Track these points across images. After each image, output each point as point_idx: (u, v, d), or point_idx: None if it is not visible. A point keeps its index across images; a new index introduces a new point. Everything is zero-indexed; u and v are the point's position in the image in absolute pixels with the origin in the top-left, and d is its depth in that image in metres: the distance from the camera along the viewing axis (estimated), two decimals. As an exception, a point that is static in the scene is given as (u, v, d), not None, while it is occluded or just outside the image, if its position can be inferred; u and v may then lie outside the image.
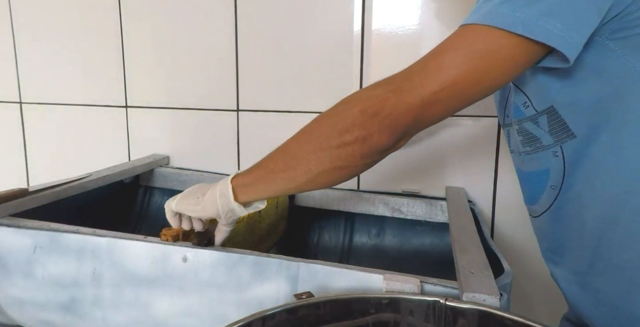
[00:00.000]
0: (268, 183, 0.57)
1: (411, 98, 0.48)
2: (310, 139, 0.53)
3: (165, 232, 0.68)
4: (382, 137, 0.49)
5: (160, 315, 0.66)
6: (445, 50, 0.48)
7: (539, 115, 0.55)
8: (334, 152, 0.51)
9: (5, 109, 1.36)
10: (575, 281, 0.59)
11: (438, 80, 0.47)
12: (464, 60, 0.46)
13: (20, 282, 0.73)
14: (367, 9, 1.01)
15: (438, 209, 0.98)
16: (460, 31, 0.48)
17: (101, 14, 1.21)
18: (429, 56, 0.49)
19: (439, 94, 0.47)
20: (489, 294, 0.50)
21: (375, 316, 0.50)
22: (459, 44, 0.47)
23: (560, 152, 0.54)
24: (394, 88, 0.49)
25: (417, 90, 0.47)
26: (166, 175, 1.17)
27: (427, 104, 0.48)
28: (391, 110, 0.48)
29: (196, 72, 1.16)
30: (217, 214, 0.61)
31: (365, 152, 0.50)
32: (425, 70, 0.48)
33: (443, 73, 0.46)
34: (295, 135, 0.56)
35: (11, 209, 0.78)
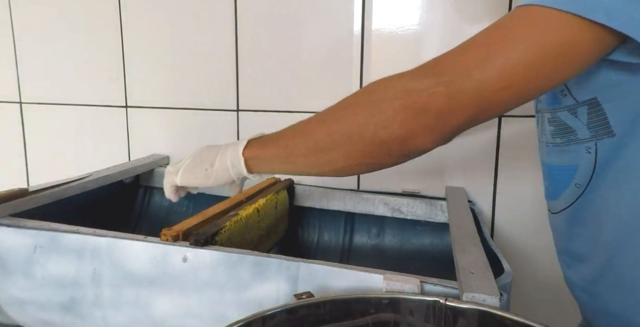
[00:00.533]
0: (286, 164, 0.53)
1: (468, 96, 0.41)
2: (340, 127, 0.47)
3: (165, 232, 0.68)
4: (426, 140, 0.43)
5: (160, 315, 0.67)
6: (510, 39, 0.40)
7: (579, 106, 0.49)
8: (366, 147, 0.45)
9: (5, 109, 1.36)
10: (584, 288, 0.56)
11: (503, 77, 0.40)
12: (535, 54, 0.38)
13: (20, 282, 0.73)
14: (367, 9, 1.01)
15: (438, 209, 0.98)
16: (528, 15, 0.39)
17: (101, 14, 1.21)
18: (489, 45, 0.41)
19: (501, 93, 0.40)
20: (489, 294, 0.50)
21: (375, 316, 0.50)
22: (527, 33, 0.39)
23: (594, 149, 0.49)
24: (446, 82, 0.41)
25: (477, 87, 0.40)
26: (166, 175, 1.17)
27: (485, 104, 0.41)
28: (441, 109, 0.41)
29: (196, 72, 1.16)
30: (230, 181, 0.59)
31: (402, 153, 0.45)
32: (487, 64, 0.40)
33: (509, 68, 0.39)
34: (321, 117, 0.50)
35: (11, 209, 0.78)
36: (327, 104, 0.69)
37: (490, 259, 0.60)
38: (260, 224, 0.86)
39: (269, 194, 0.91)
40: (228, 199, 0.86)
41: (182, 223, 0.72)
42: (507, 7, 0.93)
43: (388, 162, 0.47)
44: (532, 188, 0.97)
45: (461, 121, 0.42)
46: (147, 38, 1.19)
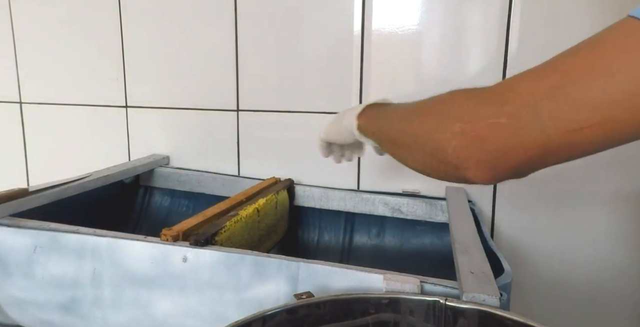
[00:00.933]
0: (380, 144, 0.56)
1: (533, 135, 0.33)
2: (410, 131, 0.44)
3: (165, 232, 0.68)
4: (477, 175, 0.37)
5: (160, 315, 0.67)
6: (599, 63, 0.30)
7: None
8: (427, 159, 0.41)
9: (5, 109, 1.36)
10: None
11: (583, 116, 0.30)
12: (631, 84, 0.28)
13: (20, 282, 0.73)
14: (367, 9, 1.01)
15: (438, 209, 0.98)
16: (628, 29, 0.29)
17: (101, 14, 1.21)
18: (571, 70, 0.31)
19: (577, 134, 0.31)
20: (489, 294, 0.50)
21: (375, 316, 0.50)
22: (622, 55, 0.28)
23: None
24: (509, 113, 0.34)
25: (545, 127, 0.32)
26: (166, 175, 1.17)
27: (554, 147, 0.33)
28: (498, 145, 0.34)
29: (196, 72, 1.16)
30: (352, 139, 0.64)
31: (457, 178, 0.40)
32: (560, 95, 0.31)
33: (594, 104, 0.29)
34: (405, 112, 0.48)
35: (11, 209, 0.78)
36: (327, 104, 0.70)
37: (490, 259, 0.60)
38: (260, 224, 0.86)
39: (269, 194, 0.91)
40: (228, 199, 0.86)
41: (182, 223, 0.72)
42: (507, 6, 0.93)
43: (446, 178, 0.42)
44: (532, 188, 0.97)
45: (522, 162, 0.36)
46: (147, 38, 1.19)
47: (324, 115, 1.07)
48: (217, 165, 1.18)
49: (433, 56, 1.00)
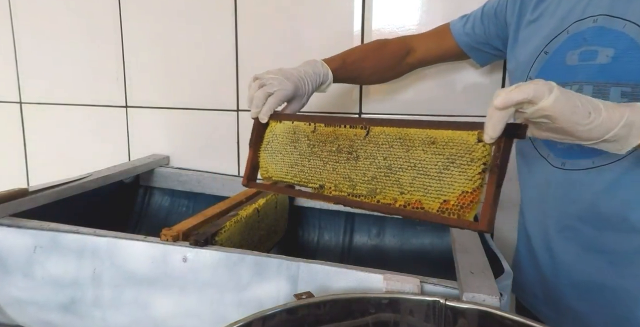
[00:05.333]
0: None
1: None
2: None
3: (165, 232, 0.68)
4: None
5: (160, 315, 0.66)
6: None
7: None
8: None
9: (5, 109, 1.36)
10: None
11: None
12: None
13: (20, 282, 0.73)
14: (367, 9, 1.01)
15: (438, 209, 0.97)
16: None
17: (101, 14, 1.21)
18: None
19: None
20: (488, 294, 0.50)
21: (375, 316, 0.50)
22: None
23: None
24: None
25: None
26: (166, 175, 1.17)
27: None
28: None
29: (196, 72, 1.16)
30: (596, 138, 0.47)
31: None
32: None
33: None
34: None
35: (11, 209, 0.78)
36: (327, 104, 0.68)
37: (490, 259, 0.60)
38: (260, 224, 0.86)
39: (269, 194, 0.91)
40: (228, 199, 0.86)
41: (182, 223, 0.72)
42: (507, 7, 0.93)
43: None
44: (532, 188, 0.97)
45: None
46: (147, 38, 1.19)
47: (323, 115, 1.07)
48: (217, 165, 1.18)
49: (433, 56, 1.00)
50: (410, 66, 0.88)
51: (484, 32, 0.80)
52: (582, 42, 0.61)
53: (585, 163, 0.61)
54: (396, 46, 0.86)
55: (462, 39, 0.83)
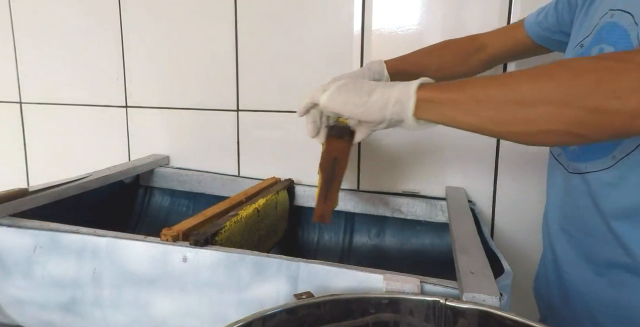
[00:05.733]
0: (465, 113, 0.47)
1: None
2: (557, 87, 0.42)
3: (165, 232, 0.68)
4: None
5: (160, 315, 0.67)
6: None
7: None
8: (582, 114, 0.40)
9: (5, 109, 1.36)
10: None
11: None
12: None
13: (20, 282, 0.73)
14: (367, 9, 1.01)
15: (438, 209, 0.98)
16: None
17: (101, 14, 1.21)
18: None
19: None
20: (488, 294, 0.50)
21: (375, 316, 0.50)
22: None
23: None
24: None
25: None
26: (166, 175, 1.17)
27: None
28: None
29: (196, 72, 1.16)
30: (379, 120, 0.52)
31: (625, 129, 0.40)
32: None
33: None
34: (529, 73, 0.45)
35: (11, 209, 0.78)
36: None
37: (490, 259, 0.60)
38: (260, 224, 0.86)
39: (269, 194, 0.91)
40: (228, 199, 0.86)
41: (182, 223, 0.72)
42: (507, 6, 0.93)
43: (593, 137, 0.42)
44: (532, 188, 0.97)
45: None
46: (147, 38, 1.19)
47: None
48: (217, 165, 1.18)
49: (433, 56, 1.00)
50: (483, 63, 0.82)
51: (557, 19, 0.72)
52: (599, 39, 0.58)
53: (581, 167, 0.60)
54: (464, 42, 0.83)
55: (532, 29, 0.75)
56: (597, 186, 0.57)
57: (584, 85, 0.40)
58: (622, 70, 0.39)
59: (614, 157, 0.54)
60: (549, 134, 0.43)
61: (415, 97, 0.49)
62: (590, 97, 0.40)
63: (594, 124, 0.40)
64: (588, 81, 0.40)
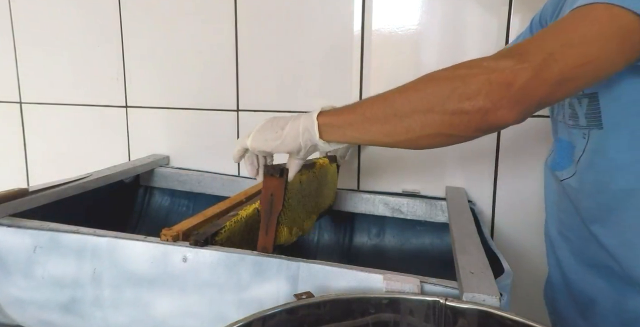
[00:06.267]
0: (359, 131, 0.54)
1: (550, 72, 0.44)
2: (422, 97, 0.49)
3: (165, 232, 0.68)
4: (508, 113, 0.45)
5: (160, 315, 0.67)
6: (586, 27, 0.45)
7: (583, 97, 0.56)
8: (446, 117, 0.47)
9: (5, 109, 1.36)
10: None
11: (580, 55, 0.44)
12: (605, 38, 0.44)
13: (20, 282, 0.73)
14: (367, 9, 1.01)
15: (438, 209, 0.98)
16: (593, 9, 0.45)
17: (101, 14, 1.21)
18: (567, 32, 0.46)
19: (578, 70, 0.45)
20: (488, 294, 0.50)
21: (375, 316, 0.50)
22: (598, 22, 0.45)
23: (587, 136, 0.57)
24: (530, 60, 0.45)
25: (558, 64, 0.44)
26: (166, 175, 1.17)
27: (564, 80, 0.45)
28: (526, 84, 0.44)
29: (196, 72, 1.16)
30: (297, 148, 0.59)
31: (482, 125, 0.47)
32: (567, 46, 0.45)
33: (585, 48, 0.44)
34: (402, 88, 0.52)
35: (11, 209, 0.78)
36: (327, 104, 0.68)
37: (490, 259, 0.60)
38: None
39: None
40: (228, 199, 0.86)
41: (182, 223, 0.72)
42: (507, 6, 0.93)
43: (464, 135, 0.49)
44: (532, 188, 0.97)
45: (542, 95, 0.46)
46: (147, 38, 1.19)
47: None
48: (217, 165, 1.18)
49: (433, 56, 1.00)
50: None
51: None
52: None
53: (559, 175, 0.65)
54: None
55: None
56: (570, 192, 0.62)
57: (443, 92, 0.47)
58: (471, 75, 0.46)
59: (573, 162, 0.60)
60: (427, 138, 0.50)
61: (317, 123, 0.56)
62: (448, 102, 0.46)
63: (457, 124, 0.47)
64: (445, 88, 0.47)
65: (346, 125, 0.55)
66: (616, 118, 0.53)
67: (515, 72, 0.44)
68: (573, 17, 0.46)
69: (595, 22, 0.44)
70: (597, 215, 0.58)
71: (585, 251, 0.62)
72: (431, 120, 0.48)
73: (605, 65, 0.45)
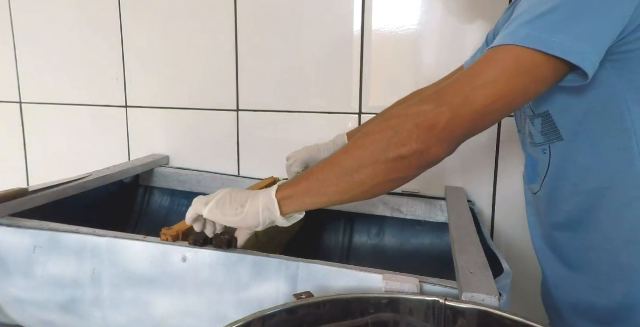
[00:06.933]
0: (317, 196, 0.58)
1: (466, 112, 0.50)
2: (365, 153, 0.54)
3: (165, 232, 0.68)
4: (439, 150, 0.51)
5: (159, 315, 0.67)
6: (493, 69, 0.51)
7: (535, 118, 0.62)
8: (390, 165, 0.53)
9: (5, 109, 1.36)
10: None
11: (490, 95, 0.50)
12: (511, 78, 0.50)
13: (20, 282, 0.73)
14: (367, 9, 1.01)
15: (438, 209, 0.98)
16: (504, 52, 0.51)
17: (101, 14, 1.21)
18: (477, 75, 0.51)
19: (490, 107, 0.50)
20: (488, 294, 0.50)
21: (375, 316, 0.50)
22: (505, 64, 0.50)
23: (549, 151, 0.61)
24: (448, 103, 0.51)
25: (471, 104, 0.50)
26: (166, 175, 1.17)
27: (480, 116, 0.51)
28: (447, 124, 0.50)
29: (196, 72, 1.16)
30: (257, 225, 0.61)
31: (421, 163, 0.52)
32: (478, 87, 0.50)
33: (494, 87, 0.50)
34: (345, 149, 0.57)
35: (11, 209, 0.78)
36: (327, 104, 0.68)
37: (490, 259, 0.60)
38: None
39: None
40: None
41: (182, 223, 0.72)
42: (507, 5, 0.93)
43: (409, 175, 0.54)
44: (532, 188, 0.97)
45: (463, 131, 0.52)
46: (147, 38, 1.19)
47: (324, 115, 1.07)
48: (217, 165, 1.18)
49: (433, 56, 1.00)
50: None
51: None
52: None
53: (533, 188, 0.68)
54: None
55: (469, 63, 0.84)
56: (546, 201, 0.65)
57: (381, 144, 0.53)
58: (400, 124, 0.52)
59: (539, 176, 0.64)
60: (379, 187, 0.55)
61: (276, 200, 0.59)
62: (388, 151, 0.52)
63: (400, 168, 0.53)
64: (382, 140, 0.53)
65: (302, 193, 0.58)
66: (574, 128, 0.58)
67: (436, 115, 0.50)
68: (485, 59, 0.52)
69: (500, 62, 0.50)
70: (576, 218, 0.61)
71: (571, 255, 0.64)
72: (379, 170, 0.53)
73: (516, 98, 0.51)
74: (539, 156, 0.64)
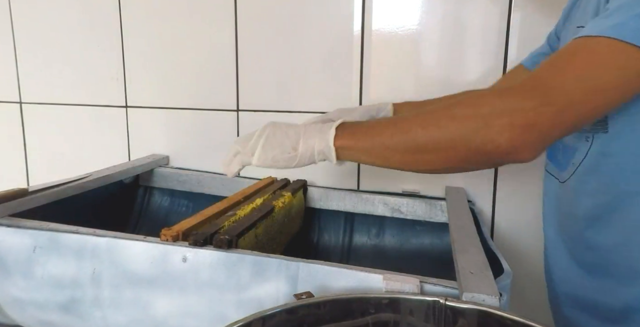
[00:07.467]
0: (378, 158, 0.55)
1: (570, 114, 0.46)
2: (445, 135, 0.50)
3: (165, 232, 0.68)
4: (527, 155, 0.47)
5: (159, 315, 0.66)
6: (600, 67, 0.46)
7: None
8: (470, 155, 0.49)
9: (5, 109, 1.36)
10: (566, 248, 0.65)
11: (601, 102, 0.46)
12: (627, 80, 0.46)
13: (20, 282, 0.73)
14: (367, 9, 1.01)
15: (438, 209, 0.98)
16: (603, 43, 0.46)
17: (101, 14, 1.21)
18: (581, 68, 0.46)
19: (593, 112, 0.47)
20: (488, 294, 0.50)
21: (375, 316, 0.50)
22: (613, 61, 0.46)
23: (591, 139, 0.58)
24: (552, 102, 0.46)
25: (576, 107, 0.46)
26: (166, 175, 1.17)
27: (581, 118, 0.47)
28: (548, 126, 0.46)
29: (196, 72, 1.16)
30: (310, 163, 0.61)
31: (502, 163, 0.50)
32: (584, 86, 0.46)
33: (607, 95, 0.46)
34: (424, 121, 0.52)
35: (11, 209, 0.78)
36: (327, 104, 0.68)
37: (490, 259, 0.60)
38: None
39: (266, 195, 0.90)
40: (226, 199, 0.86)
41: (182, 223, 0.72)
42: (507, 6, 0.93)
43: (484, 167, 0.53)
44: (532, 188, 0.97)
45: (562, 134, 0.48)
46: (147, 38, 1.19)
47: (323, 115, 1.07)
48: (217, 165, 1.18)
49: (433, 56, 1.00)
50: None
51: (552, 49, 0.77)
52: None
53: (562, 176, 0.65)
54: None
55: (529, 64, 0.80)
56: (571, 192, 0.63)
57: (466, 132, 0.48)
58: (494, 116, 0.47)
59: (573, 164, 0.62)
60: (446, 170, 0.53)
61: (334, 148, 0.57)
62: (471, 142, 0.48)
63: (477, 161, 0.50)
64: (468, 129, 0.48)
65: (363, 151, 0.56)
66: (622, 124, 0.54)
67: (539, 114, 0.45)
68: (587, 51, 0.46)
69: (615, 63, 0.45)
70: (597, 215, 0.59)
71: (583, 252, 0.63)
72: (453, 157, 0.50)
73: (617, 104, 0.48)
74: (579, 143, 0.61)
